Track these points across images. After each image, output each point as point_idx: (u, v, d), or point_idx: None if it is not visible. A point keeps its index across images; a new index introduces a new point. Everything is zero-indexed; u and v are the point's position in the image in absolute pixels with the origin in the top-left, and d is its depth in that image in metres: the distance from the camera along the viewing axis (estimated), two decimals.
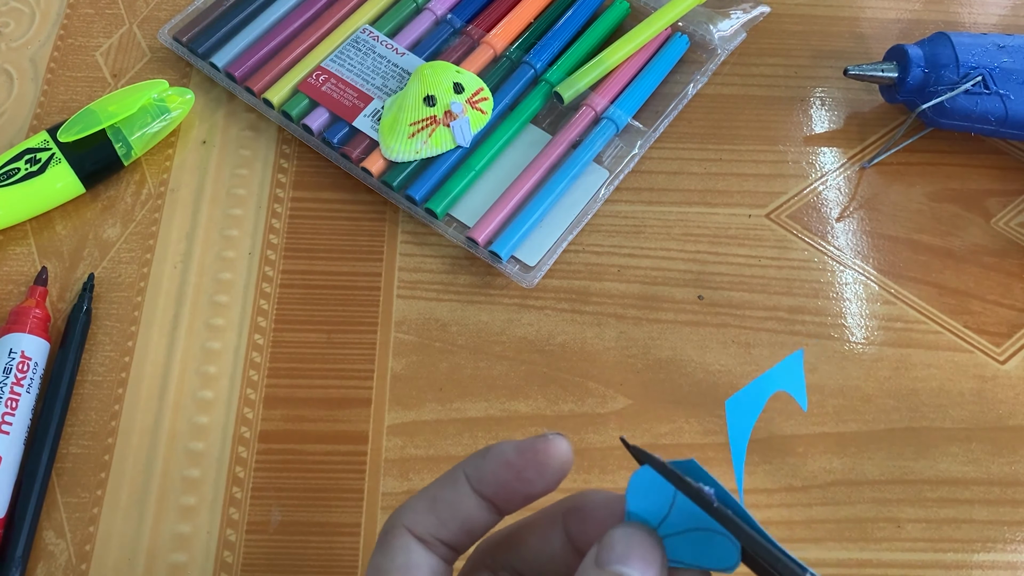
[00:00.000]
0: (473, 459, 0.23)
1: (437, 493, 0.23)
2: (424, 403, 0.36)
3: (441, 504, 0.23)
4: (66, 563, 0.32)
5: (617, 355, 0.37)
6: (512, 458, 0.22)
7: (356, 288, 0.39)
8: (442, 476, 0.23)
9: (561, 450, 0.22)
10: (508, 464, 0.22)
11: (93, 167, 0.40)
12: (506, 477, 0.22)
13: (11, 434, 0.33)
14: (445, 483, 0.23)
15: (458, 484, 0.23)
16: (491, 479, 0.22)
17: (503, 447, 0.23)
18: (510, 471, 0.22)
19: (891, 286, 0.40)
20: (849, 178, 0.43)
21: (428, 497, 0.23)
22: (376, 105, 0.41)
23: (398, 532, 0.23)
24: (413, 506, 0.23)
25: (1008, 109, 0.41)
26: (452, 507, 0.23)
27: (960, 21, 0.48)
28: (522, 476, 0.22)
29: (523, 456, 0.22)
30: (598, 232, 0.40)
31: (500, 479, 0.22)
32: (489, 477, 0.22)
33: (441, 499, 0.23)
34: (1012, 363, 0.38)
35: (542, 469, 0.22)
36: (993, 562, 0.34)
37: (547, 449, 0.22)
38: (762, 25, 0.47)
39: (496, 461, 0.22)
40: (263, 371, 0.36)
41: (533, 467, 0.22)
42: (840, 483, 0.35)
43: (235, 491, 0.34)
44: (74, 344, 0.36)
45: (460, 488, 0.23)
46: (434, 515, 0.23)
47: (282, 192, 0.41)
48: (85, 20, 0.46)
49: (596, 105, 0.42)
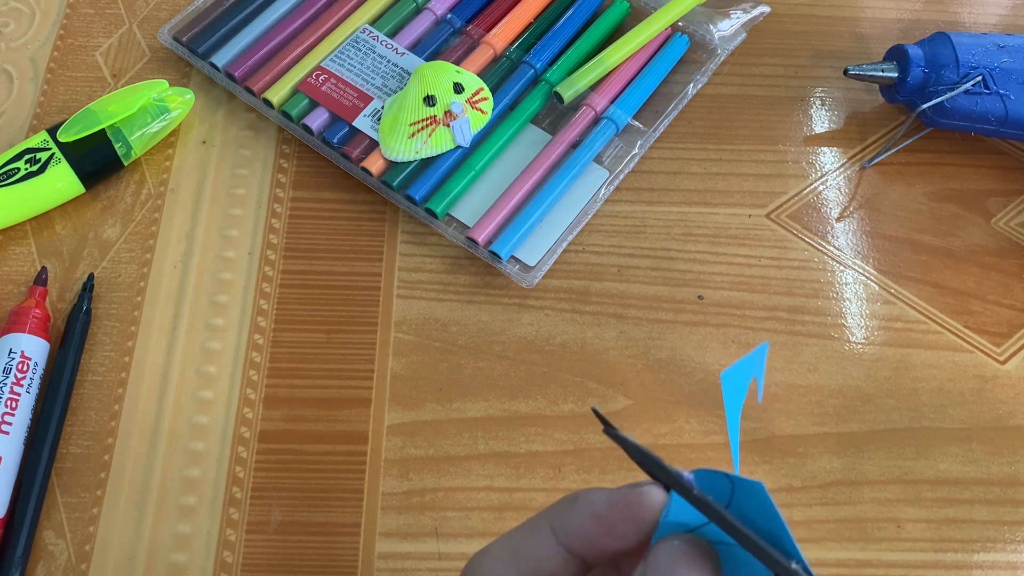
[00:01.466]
0: (559, 509, 0.21)
1: (521, 544, 0.21)
2: (424, 403, 0.36)
3: (523, 557, 0.21)
4: (66, 563, 0.32)
5: (617, 355, 0.37)
6: (603, 511, 0.20)
7: (356, 288, 0.39)
8: (525, 523, 0.22)
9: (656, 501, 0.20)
10: (598, 518, 0.20)
11: (93, 167, 0.40)
12: (597, 532, 0.20)
13: (11, 434, 0.33)
14: (528, 533, 0.21)
15: (543, 536, 0.21)
16: (579, 532, 0.21)
17: (593, 498, 0.21)
18: (601, 525, 0.20)
19: (891, 286, 0.40)
20: (849, 178, 0.43)
21: (511, 547, 0.21)
22: (376, 105, 0.41)
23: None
24: (495, 554, 0.21)
25: (1008, 109, 0.41)
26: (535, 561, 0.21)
27: (960, 21, 0.48)
28: (614, 531, 0.20)
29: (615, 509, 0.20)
30: (598, 232, 0.40)
31: (590, 534, 0.20)
32: (577, 531, 0.21)
33: (524, 552, 0.21)
34: (1012, 363, 0.38)
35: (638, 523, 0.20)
36: (993, 562, 0.34)
37: (640, 501, 0.20)
38: (762, 25, 0.47)
39: (584, 514, 0.20)
40: (263, 371, 0.36)
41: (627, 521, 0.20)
42: (840, 483, 0.35)
43: (235, 491, 0.34)
44: (74, 344, 0.36)
45: (545, 541, 0.21)
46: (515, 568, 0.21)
47: (282, 192, 0.41)
48: (85, 20, 0.46)
49: (596, 105, 0.42)
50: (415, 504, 0.34)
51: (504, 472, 0.35)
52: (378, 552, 0.33)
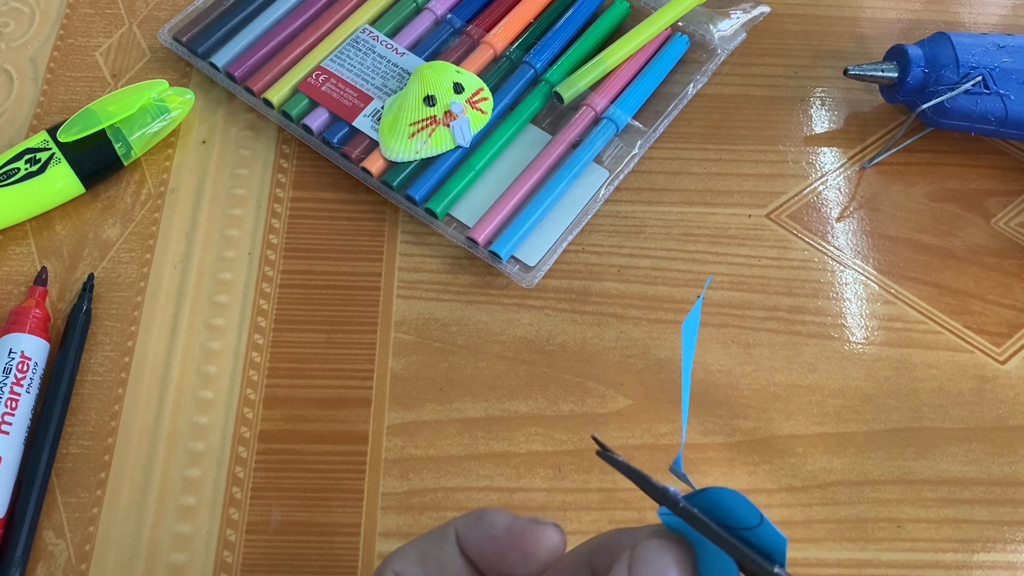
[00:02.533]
0: (465, 520, 0.22)
1: (428, 547, 0.22)
2: (424, 403, 0.36)
3: (429, 558, 0.22)
4: (66, 563, 0.32)
5: (617, 355, 0.37)
6: (499, 535, 0.21)
7: (356, 288, 0.39)
8: (434, 529, 0.23)
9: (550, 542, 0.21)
10: (494, 540, 0.21)
11: (93, 167, 0.40)
12: (489, 552, 0.21)
13: (11, 434, 0.33)
14: (435, 538, 0.23)
15: (447, 541, 0.22)
16: (476, 547, 0.22)
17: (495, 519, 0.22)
18: (494, 547, 0.21)
19: (891, 286, 0.40)
20: (849, 178, 0.43)
21: (421, 549, 0.23)
22: (376, 105, 0.41)
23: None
24: (405, 554, 0.23)
25: (1008, 109, 0.41)
26: (440, 563, 0.22)
27: (960, 21, 0.48)
28: (504, 558, 0.21)
29: (510, 537, 0.21)
30: (598, 232, 0.40)
31: (484, 552, 0.22)
32: (475, 545, 0.22)
33: (430, 553, 0.22)
34: (1012, 363, 0.38)
35: (526, 556, 0.21)
36: (993, 562, 0.34)
37: (535, 537, 0.21)
38: (762, 25, 0.47)
39: (483, 534, 0.22)
40: (263, 371, 0.36)
41: (517, 552, 0.21)
42: (840, 483, 0.35)
43: (235, 491, 0.34)
44: (74, 344, 0.36)
45: (448, 546, 0.22)
46: (423, 568, 0.22)
47: (282, 192, 0.41)
48: (85, 20, 0.46)
49: (596, 105, 0.42)
50: (415, 504, 0.34)
51: (504, 472, 0.35)
52: (378, 552, 0.33)
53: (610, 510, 0.34)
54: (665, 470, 0.35)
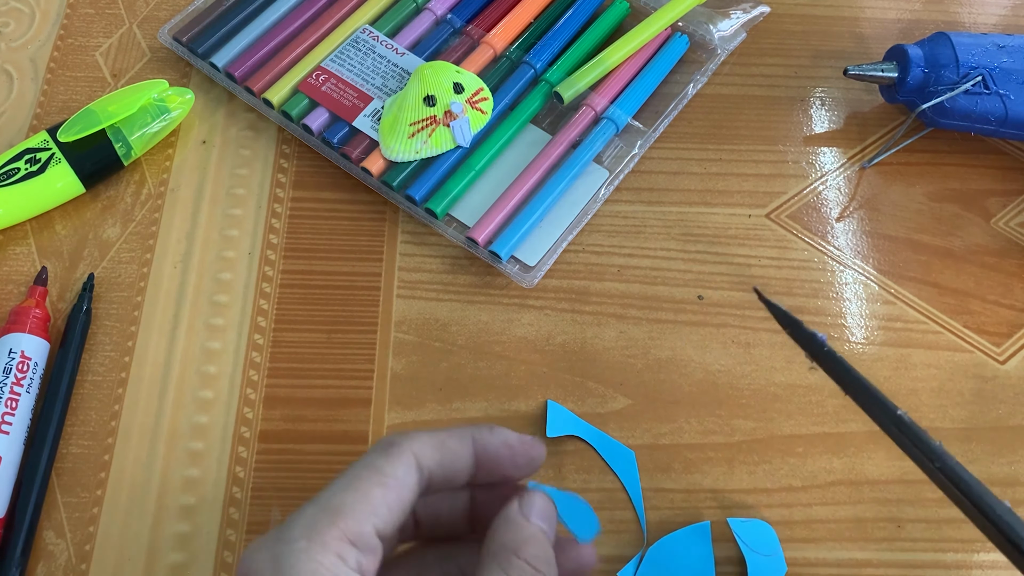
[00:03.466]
0: (481, 429, 0.27)
1: (446, 439, 0.26)
2: (424, 403, 0.36)
3: (447, 449, 0.26)
4: (66, 563, 0.32)
5: (617, 355, 0.37)
6: (514, 443, 0.27)
7: (356, 288, 0.39)
8: (450, 427, 0.27)
9: (544, 452, 0.27)
10: (508, 446, 0.27)
11: (93, 167, 0.40)
12: (503, 456, 0.27)
13: (11, 434, 0.33)
14: (454, 434, 0.26)
15: (464, 440, 0.26)
16: (491, 450, 0.26)
17: (506, 432, 0.27)
18: (508, 452, 0.27)
19: (891, 286, 0.40)
20: (849, 178, 0.43)
21: (438, 439, 0.26)
22: (376, 105, 0.41)
23: (406, 453, 0.25)
24: (423, 440, 0.26)
25: (1008, 109, 0.41)
26: (453, 456, 0.26)
27: (960, 21, 0.48)
28: (514, 460, 0.27)
29: (523, 445, 0.27)
30: (598, 232, 0.40)
31: (498, 455, 0.26)
32: (490, 449, 0.26)
33: (447, 446, 0.26)
34: (1012, 363, 0.38)
35: (532, 461, 0.27)
36: (993, 562, 0.34)
37: (536, 447, 0.27)
38: (762, 25, 0.47)
39: (500, 439, 0.27)
40: (263, 371, 0.36)
41: (525, 457, 0.27)
42: (840, 483, 0.35)
43: (235, 491, 0.34)
44: (74, 344, 0.36)
45: (465, 445, 0.26)
46: (439, 455, 0.26)
47: (282, 192, 0.41)
48: (85, 20, 0.46)
49: (596, 105, 0.42)
50: None
51: None
52: None
53: (610, 510, 0.34)
54: (654, 474, 0.35)
